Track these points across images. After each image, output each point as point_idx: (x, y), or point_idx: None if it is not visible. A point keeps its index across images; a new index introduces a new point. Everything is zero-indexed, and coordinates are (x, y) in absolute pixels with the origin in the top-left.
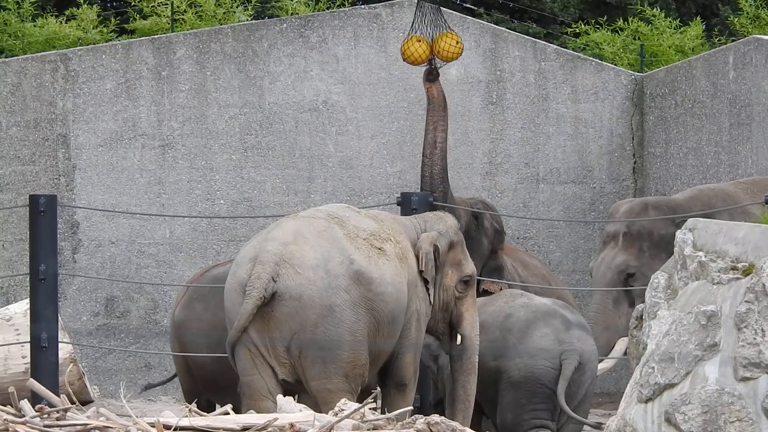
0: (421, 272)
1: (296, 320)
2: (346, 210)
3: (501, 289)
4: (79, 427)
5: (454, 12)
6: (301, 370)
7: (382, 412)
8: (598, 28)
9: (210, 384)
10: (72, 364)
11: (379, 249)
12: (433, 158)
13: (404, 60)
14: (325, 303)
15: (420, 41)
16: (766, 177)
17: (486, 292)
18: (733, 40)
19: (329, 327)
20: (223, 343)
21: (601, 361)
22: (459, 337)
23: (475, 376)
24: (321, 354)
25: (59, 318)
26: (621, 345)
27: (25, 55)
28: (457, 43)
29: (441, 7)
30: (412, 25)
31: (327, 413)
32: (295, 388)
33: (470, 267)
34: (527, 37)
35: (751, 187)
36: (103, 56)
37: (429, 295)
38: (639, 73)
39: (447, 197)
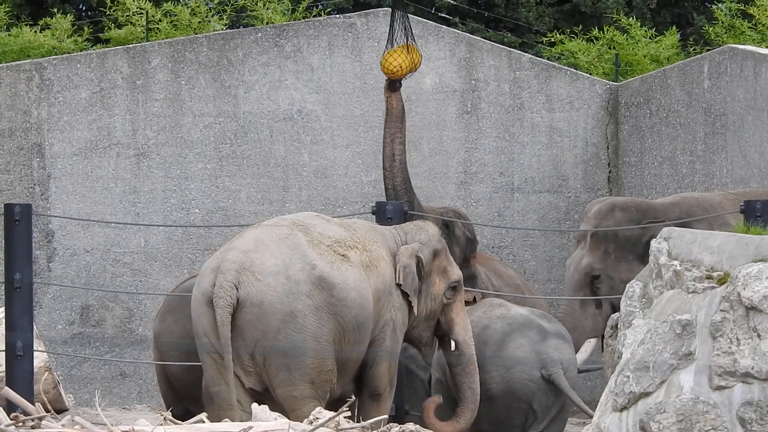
0: (399, 285)
1: (258, 327)
2: (315, 218)
3: (474, 298)
4: None
5: (429, 21)
6: (267, 378)
7: (357, 421)
8: (573, 38)
9: (187, 393)
10: (47, 373)
11: (343, 255)
12: (393, 171)
13: (385, 73)
14: (286, 309)
15: (401, 53)
16: (757, 189)
17: None
18: (708, 50)
19: (291, 333)
20: (194, 353)
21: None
22: (453, 343)
23: (478, 376)
24: (285, 361)
25: (34, 327)
26: (588, 345)
27: (0, 65)
28: (419, 57)
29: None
30: (392, 36)
31: (295, 421)
32: (263, 398)
33: (456, 272)
34: (502, 46)
35: (740, 197)
36: (78, 65)
37: (414, 306)
38: (614, 83)
39: (414, 207)
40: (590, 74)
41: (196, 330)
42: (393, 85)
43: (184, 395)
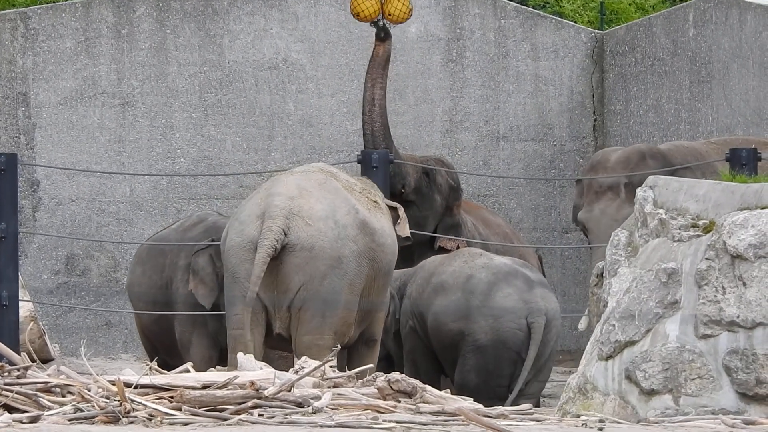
0: (407, 238)
1: (306, 271)
2: (330, 167)
3: (458, 247)
4: (39, 385)
5: None
6: (296, 324)
7: (343, 370)
8: None
9: (161, 344)
10: (32, 323)
11: (374, 202)
12: (372, 116)
13: (353, 15)
14: (334, 254)
15: None
16: (737, 137)
17: (442, 250)
18: None
19: (335, 279)
20: (160, 303)
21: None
22: None
23: None
24: (322, 308)
25: (20, 276)
26: None
27: None
28: (408, 9)
29: None
30: None
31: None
32: (281, 346)
33: None
34: None
35: (722, 147)
36: (63, 14)
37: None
38: (599, 31)
39: (393, 153)
40: (575, 22)
41: (236, 275)
42: (383, 35)
43: (158, 346)
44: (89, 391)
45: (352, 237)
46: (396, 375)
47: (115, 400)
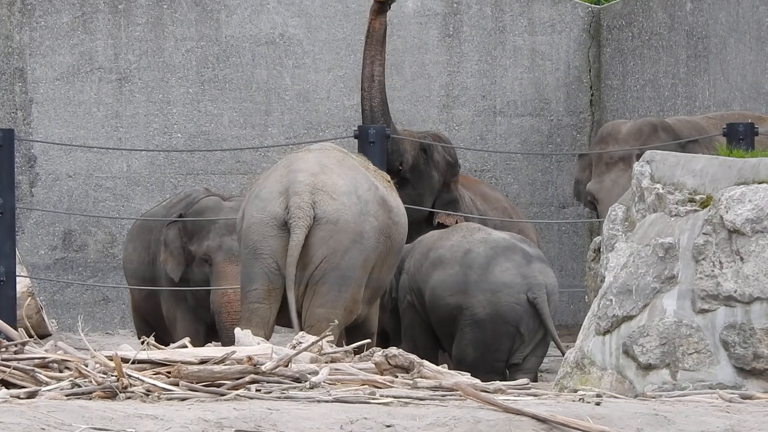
0: None
1: (330, 244)
2: (340, 147)
3: (456, 222)
4: (37, 360)
5: None
6: (311, 296)
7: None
8: None
9: (153, 320)
10: (30, 298)
11: (388, 181)
12: (371, 92)
13: None
14: (357, 228)
15: None
16: (734, 112)
17: (441, 225)
18: None
19: (355, 254)
20: (149, 279)
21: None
22: None
23: None
24: (339, 282)
25: (17, 252)
26: None
27: None
28: None
29: None
30: None
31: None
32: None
33: None
34: None
35: (720, 122)
36: None
37: None
38: (596, 5)
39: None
40: None
41: (258, 252)
42: (382, 7)
43: (152, 323)
44: (86, 366)
45: (373, 213)
46: (393, 350)
47: (112, 376)
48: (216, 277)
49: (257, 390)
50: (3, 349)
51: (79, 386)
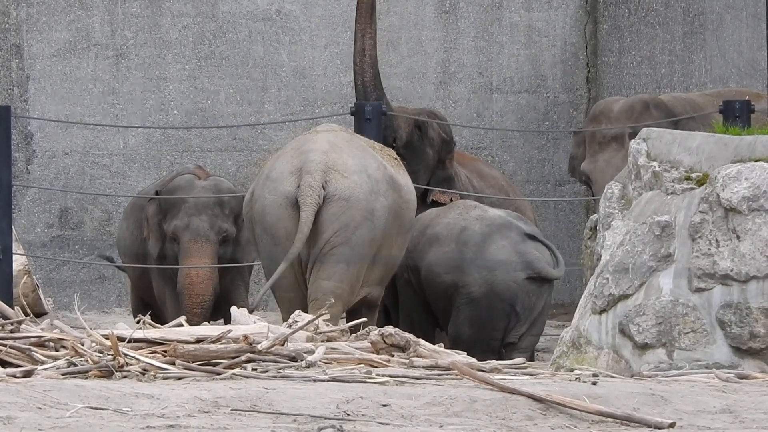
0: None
1: (341, 219)
2: (344, 128)
3: (452, 200)
4: (33, 339)
5: None
6: (318, 268)
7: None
8: None
9: (149, 299)
10: (26, 276)
11: (395, 159)
12: (363, 66)
13: None
14: (369, 206)
15: None
16: (730, 89)
17: (435, 203)
18: None
19: (365, 231)
20: (142, 256)
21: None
22: None
23: None
24: (348, 257)
25: (13, 229)
26: None
27: None
28: None
29: None
30: None
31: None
32: None
33: None
34: None
35: (716, 99)
36: None
37: None
38: None
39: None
40: None
41: (275, 235)
42: None
43: (148, 302)
44: (83, 345)
45: (383, 192)
46: (389, 329)
47: (108, 355)
48: (182, 256)
49: (253, 369)
50: None
51: (76, 365)
